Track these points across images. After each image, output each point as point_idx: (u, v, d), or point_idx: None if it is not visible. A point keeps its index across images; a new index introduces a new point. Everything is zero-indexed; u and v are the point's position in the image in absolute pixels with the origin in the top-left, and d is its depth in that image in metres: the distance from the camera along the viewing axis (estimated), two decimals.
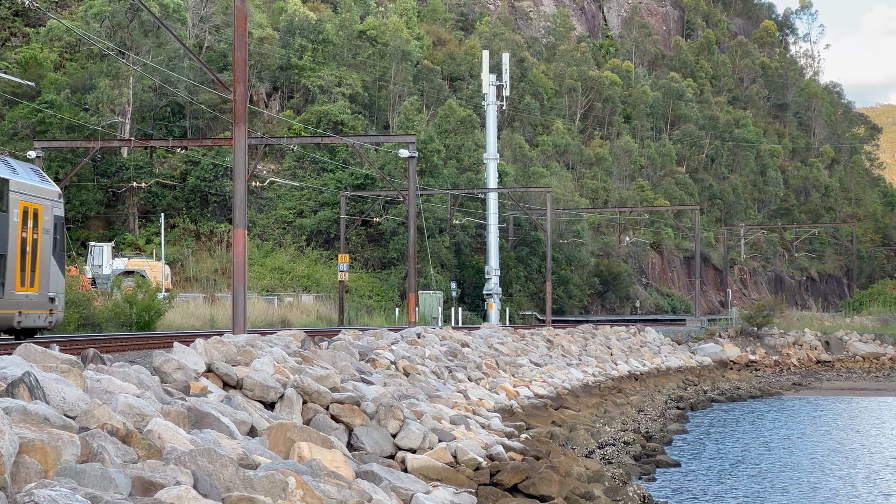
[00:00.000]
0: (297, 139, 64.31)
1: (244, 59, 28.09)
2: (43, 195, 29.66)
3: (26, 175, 29.16)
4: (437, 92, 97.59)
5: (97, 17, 73.33)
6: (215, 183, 75.16)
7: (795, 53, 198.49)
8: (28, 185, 28.81)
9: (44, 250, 29.36)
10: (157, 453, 10.93)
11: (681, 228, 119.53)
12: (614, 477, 24.61)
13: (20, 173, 28.79)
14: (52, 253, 29.91)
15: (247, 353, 19.82)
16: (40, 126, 68.15)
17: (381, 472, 15.13)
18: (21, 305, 28.25)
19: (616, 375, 48.71)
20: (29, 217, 28.50)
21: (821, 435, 38.86)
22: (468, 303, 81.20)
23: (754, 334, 73.33)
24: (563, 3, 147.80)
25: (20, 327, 28.37)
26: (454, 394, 27.36)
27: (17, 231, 27.83)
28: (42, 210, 29.40)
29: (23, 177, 28.74)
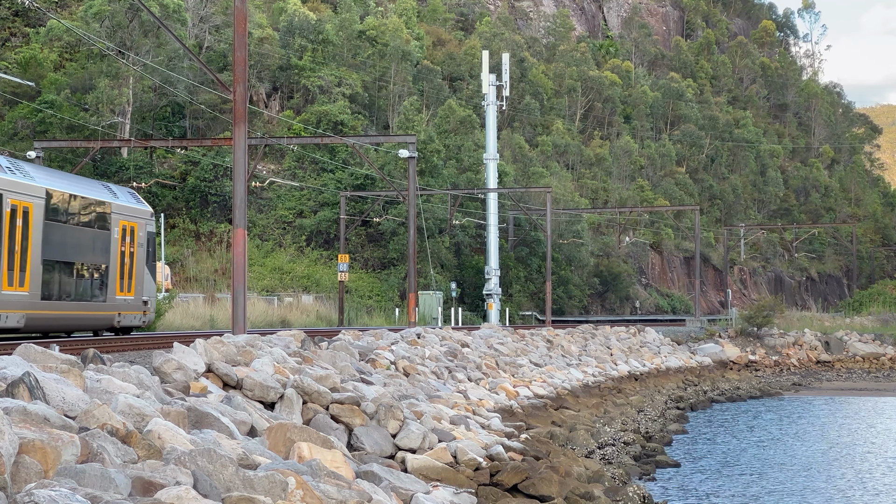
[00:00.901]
0: (297, 139, 64.30)
1: (244, 60, 28.09)
2: (137, 215, 36.09)
3: (124, 198, 35.74)
4: (437, 92, 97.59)
5: (97, 17, 73.33)
6: (215, 183, 75.17)
7: (796, 54, 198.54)
8: (125, 206, 35.27)
9: (138, 261, 35.75)
10: (157, 453, 10.93)
11: (681, 229, 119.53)
12: (614, 477, 24.62)
13: (119, 197, 35.39)
14: (145, 263, 36.31)
15: (247, 354, 19.82)
16: (40, 126, 68.14)
17: (380, 473, 15.13)
18: (120, 308, 34.77)
19: (616, 376, 48.72)
20: (126, 234, 34.97)
21: (820, 435, 38.86)
22: (468, 303, 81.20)
23: (754, 334, 73.34)
24: (563, 3, 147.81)
25: (119, 326, 34.88)
26: (454, 394, 27.37)
27: (117, 246, 34.40)
28: (137, 227, 35.89)
29: (121, 200, 35.30)
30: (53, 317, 31.56)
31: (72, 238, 32.05)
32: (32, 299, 29.92)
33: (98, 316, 34.05)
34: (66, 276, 31.83)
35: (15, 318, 29.03)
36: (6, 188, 28.33)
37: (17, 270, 29.00)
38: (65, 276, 31.74)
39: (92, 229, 33.59)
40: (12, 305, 28.80)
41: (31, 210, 29.42)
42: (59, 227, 31.38)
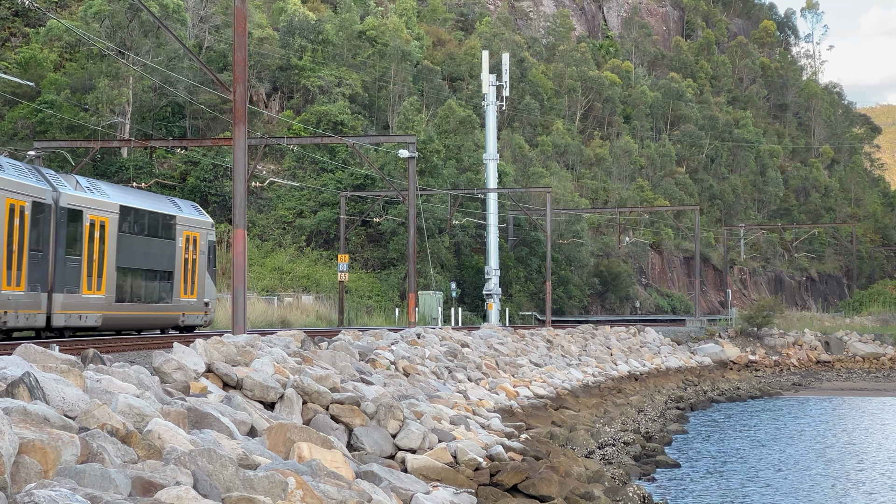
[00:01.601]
0: (297, 139, 64.30)
1: (244, 60, 28.09)
2: (199, 226, 40.99)
3: (188, 211, 40.76)
4: (437, 92, 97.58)
5: (97, 17, 73.32)
6: (215, 183, 75.16)
7: (796, 54, 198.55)
8: (189, 218, 40.20)
9: (200, 267, 40.57)
10: (157, 454, 10.93)
11: (681, 229, 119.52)
12: (614, 477, 24.62)
13: (183, 210, 40.36)
14: (206, 269, 41.04)
15: (247, 354, 19.82)
16: (40, 126, 68.13)
17: (380, 473, 15.13)
18: (184, 308, 39.62)
19: (616, 376, 48.72)
20: (189, 243, 39.81)
21: (820, 435, 38.86)
22: (468, 303, 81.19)
23: (754, 334, 73.33)
24: (562, 4, 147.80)
25: (183, 325, 39.67)
26: (454, 394, 27.37)
27: (181, 254, 39.23)
28: (199, 237, 40.66)
29: (185, 212, 40.29)
30: (126, 317, 36.49)
31: (142, 247, 36.80)
32: (108, 301, 34.66)
33: (165, 316, 38.85)
34: (137, 281, 36.67)
35: (94, 318, 33.84)
36: (86, 205, 33.53)
37: (95, 276, 33.79)
38: (136, 281, 36.52)
39: (159, 239, 38.28)
40: (91, 307, 33.62)
41: (107, 224, 34.47)
42: (131, 237, 36.24)
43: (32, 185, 30.75)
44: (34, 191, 30.61)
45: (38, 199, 30.72)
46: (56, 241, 31.84)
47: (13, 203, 29.09)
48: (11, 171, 29.91)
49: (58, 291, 31.99)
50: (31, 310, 30.52)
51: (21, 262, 29.63)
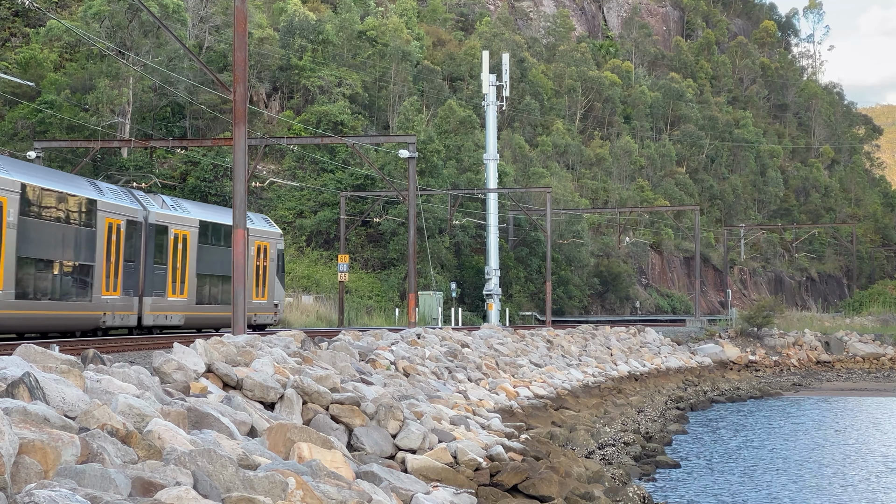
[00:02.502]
0: (297, 139, 64.30)
1: (244, 60, 28.09)
2: (269, 236, 46.23)
3: (259, 223, 45.90)
4: (437, 92, 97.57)
5: (97, 18, 73.30)
6: (215, 183, 75.15)
7: (797, 54, 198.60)
8: (260, 230, 45.41)
9: (270, 273, 45.78)
10: (157, 454, 10.94)
11: (681, 229, 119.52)
12: (614, 477, 24.61)
13: (255, 222, 45.18)
14: (275, 274, 46.11)
15: (247, 354, 19.82)
16: (40, 126, 68.12)
17: (381, 473, 15.13)
18: (255, 309, 44.33)
19: (616, 376, 48.71)
20: (261, 251, 44.88)
21: (820, 435, 38.86)
22: (468, 303, 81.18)
23: (754, 335, 73.32)
24: (563, 4, 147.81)
25: (255, 324, 44.00)
26: (454, 394, 27.36)
27: (253, 262, 43.92)
28: (269, 246, 45.93)
29: (257, 224, 45.20)
30: (205, 317, 41.41)
31: (218, 256, 41.39)
32: (189, 303, 39.97)
33: None
34: (214, 286, 41.62)
35: (177, 318, 39.19)
36: (171, 221, 39.03)
37: (179, 282, 39.11)
38: (213, 286, 41.50)
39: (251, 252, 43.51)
40: (175, 308, 39.04)
41: (188, 236, 39.92)
42: (209, 248, 41.23)
43: (126, 205, 36.49)
44: (128, 211, 36.30)
45: (131, 217, 36.39)
46: (146, 253, 37.39)
47: (111, 222, 34.90)
48: (109, 195, 35.67)
49: (147, 295, 37.46)
50: (125, 311, 36.13)
51: (117, 271, 35.25)
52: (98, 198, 34.55)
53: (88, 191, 34.43)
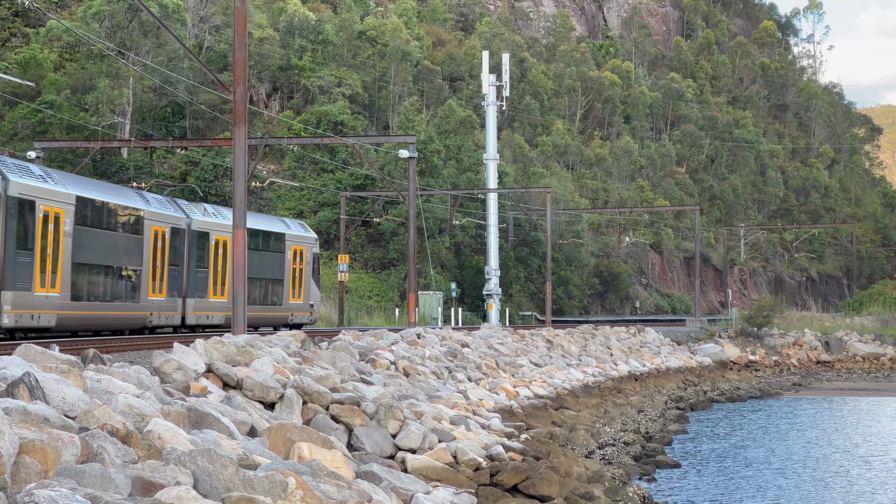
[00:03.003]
0: (297, 139, 64.28)
1: (244, 60, 28.09)
2: (305, 241, 49.18)
3: (295, 228, 49.41)
4: (437, 92, 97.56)
5: (97, 18, 73.30)
6: (215, 183, 75.13)
7: (797, 54, 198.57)
8: (296, 235, 48.53)
9: (306, 276, 48.61)
10: (157, 454, 10.94)
11: (681, 229, 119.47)
12: (614, 477, 24.61)
13: (292, 228, 48.83)
14: (311, 277, 48.99)
15: (247, 354, 19.82)
16: (40, 126, 68.11)
17: (381, 473, 15.13)
18: (292, 309, 47.65)
19: (616, 376, 48.71)
20: (296, 255, 47.97)
21: (820, 435, 38.87)
22: (468, 303, 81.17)
23: (754, 335, 73.31)
24: (563, 4, 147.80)
25: (292, 323, 47.39)
26: (454, 394, 27.37)
27: (290, 265, 47.26)
28: (305, 250, 48.83)
29: (293, 230, 48.76)
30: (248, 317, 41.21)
31: (257, 261, 43.84)
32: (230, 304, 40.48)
33: (276, 315, 46.76)
34: (256, 288, 43.99)
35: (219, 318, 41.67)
36: (212, 228, 41.78)
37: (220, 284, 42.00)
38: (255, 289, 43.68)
39: (271, 253, 46.11)
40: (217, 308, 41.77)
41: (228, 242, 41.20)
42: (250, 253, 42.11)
43: (171, 214, 39.25)
44: (172, 219, 39.03)
45: (174, 225, 39.14)
46: (189, 258, 40.09)
47: (156, 229, 37.72)
48: (155, 205, 38.44)
49: (190, 297, 40.21)
50: (170, 311, 38.76)
51: (163, 275, 38.02)
52: (144, 207, 37.56)
53: (136, 201, 37.64)
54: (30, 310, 30.54)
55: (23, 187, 30.06)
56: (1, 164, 30.04)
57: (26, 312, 30.36)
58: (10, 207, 29.37)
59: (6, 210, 29.24)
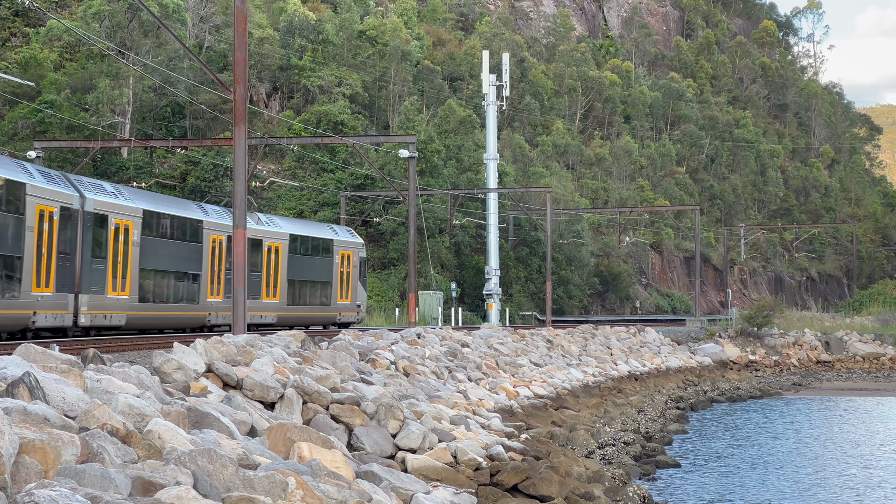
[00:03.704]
0: (297, 139, 64.27)
1: (244, 60, 28.09)
2: (352, 246, 52.61)
3: (343, 234, 52.95)
4: (437, 92, 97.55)
5: (97, 17, 73.29)
6: (215, 183, 75.13)
7: (797, 54, 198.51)
8: (343, 240, 52.00)
9: (353, 278, 52.12)
10: (157, 453, 10.93)
11: (681, 229, 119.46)
12: (614, 477, 24.60)
13: (339, 234, 52.51)
14: (357, 279, 52.48)
15: (247, 354, 19.82)
16: (40, 126, 68.11)
17: (381, 473, 15.13)
18: (340, 310, 51.36)
19: (616, 376, 48.70)
20: (344, 259, 51.52)
21: (820, 435, 38.87)
22: (468, 303, 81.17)
23: (754, 334, 73.30)
24: (563, 4, 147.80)
25: (340, 322, 51.17)
26: (454, 394, 27.36)
27: (337, 268, 50.86)
28: (352, 254, 52.33)
29: (341, 236, 52.40)
30: (295, 316, 47.81)
31: (306, 264, 48.39)
32: (281, 305, 46.78)
33: (325, 315, 50.67)
34: (304, 289, 48.42)
35: (270, 318, 45.94)
36: (265, 236, 45.58)
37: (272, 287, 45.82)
38: (303, 289, 48.33)
39: (319, 257, 49.73)
40: (268, 308, 45.93)
41: (280, 248, 46.69)
42: (298, 257, 48.10)
43: (228, 223, 41.61)
44: (229, 228, 40.76)
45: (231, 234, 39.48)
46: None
47: (214, 238, 41.87)
48: (213, 215, 42.52)
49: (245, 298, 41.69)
50: (227, 311, 41.36)
51: (220, 279, 42.13)
52: (203, 218, 41.56)
53: (196, 212, 41.76)
54: (103, 310, 34.52)
55: (97, 203, 34.08)
56: (78, 183, 33.77)
57: (100, 313, 34.33)
58: (86, 221, 33.43)
59: (83, 223, 33.27)
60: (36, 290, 30.68)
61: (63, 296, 32.20)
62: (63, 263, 32.08)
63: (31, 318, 30.59)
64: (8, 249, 29.07)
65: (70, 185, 33.23)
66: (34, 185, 30.36)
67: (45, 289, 31.15)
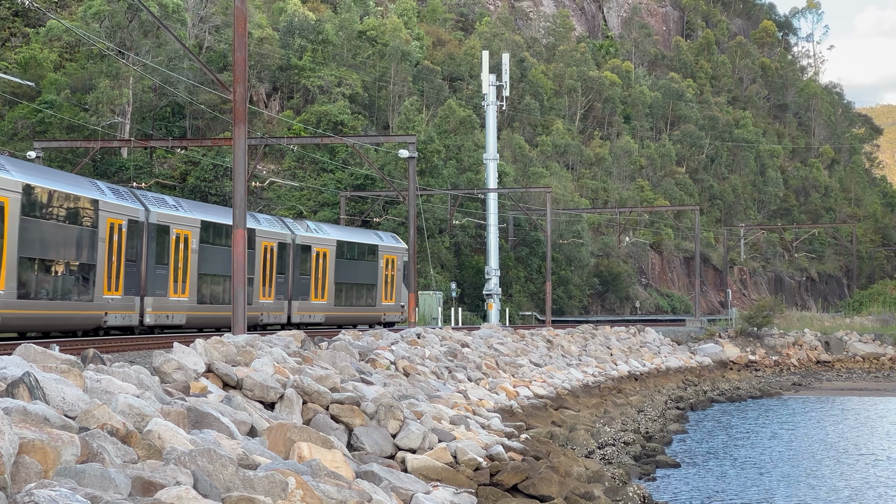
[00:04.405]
0: (297, 139, 64.26)
1: (244, 60, 28.08)
2: (396, 251, 56.33)
3: (387, 240, 56.42)
4: (437, 92, 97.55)
5: (97, 17, 73.28)
6: (215, 183, 75.12)
7: (797, 54, 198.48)
8: (388, 245, 55.74)
9: (397, 281, 55.86)
10: (157, 453, 10.93)
11: (681, 229, 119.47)
12: (614, 477, 24.61)
13: (384, 239, 56.08)
14: (401, 282, 55.99)
15: (247, 354, 19.82)
16: (40, 126, 68.10)
17: (381, 473, 15.13)
18: (385, 310, 54.90)
19: (616, 376, 48.70)
20: (388, 263, 55.10)
21: (820, 435, 38.87)
22: (468, 303, 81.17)
23: (754, 335, 73.30)
24: (562, 4, 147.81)
25: (385, 322, 54.32)
26: (454, 394, 27.37)
27: (382, 272, 54.34)
28: (396, 259, 56.00)
29: (385, 241, 55.91)
30: (343, 316, 51.43)
31: (352, 268, 51.81)
32: (329, 305, 50.50)
33: (371, 315, 53.78)
34: (350, 291, 51.95)
35: (319, 317, 49.71)
36: (313, 242, 49.29)
37: (320, 289, 49.64)
38: (349, 291, 51.86)
39: (365, 262, 52.83)
40: (317, 309, 49.59)
41: (328, 253, 50.21)
42: (345, 261, 51.47)
43: (279, 231, 46.78)
44: (280, 236, 46.75)
45: (282, 241, 46.95)
46: (293, 267, 47.84)
47: (266, 244, 45.35)
48: (266, 224, 46.12)
49: (294, 299, 47.98)
50: (277, 312, 46.52)
51: (272, 281, 45.88)
52: (256, 227, 44.80)
53: (250, 222, 43.85)
54: (165, 311, 38.45)
55: (160, 216, 38.12)
56: (143, 197, 37.96)
57: (163, 313, 38.31)
58: (150, 232, 37.57)
59: (147, 234, 37.44)
60: (107, 293, 34.85)
61: (131, 298, 36.43)
62: (130, 270, 36.37)
63: (102, 318, 34.73)
64: (84, 258, 33.43)
65: (136, 199, 37.43)
66: (106, 202, 34.64)
67: (115, 292, 35.36)
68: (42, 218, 31.14)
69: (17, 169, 30.43)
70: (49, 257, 31.59)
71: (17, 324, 30.73)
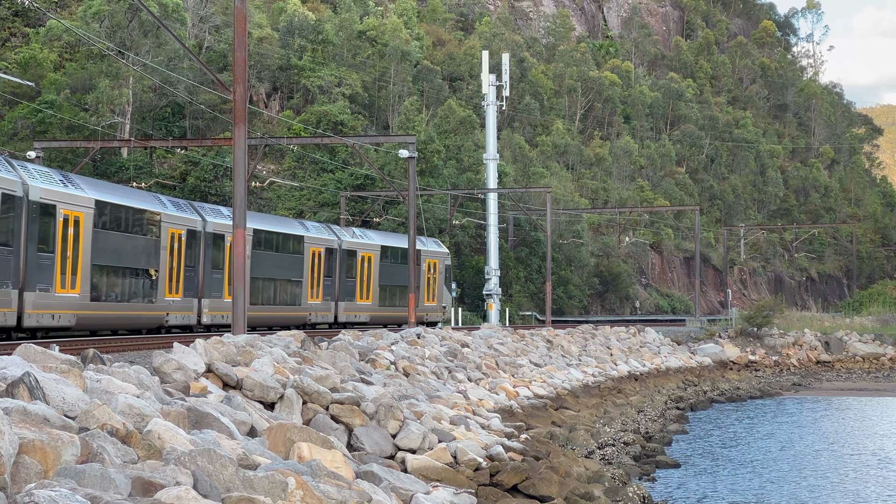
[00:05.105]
0: (297, 139, 64.25)
1: (244, 60, 28.08)
2: (438, 255, 60.98)
3: (430, 245, 60.93)
4: (437, 92, 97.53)
5: (97, 17, 73.27)
6: (215, 183, 75.11)
7: (797, 54, 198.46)
8: (430, 250, 59.97)
9: (438, 283, 60.34)
10: (157, 454, 10.93)
11: (681, 229, 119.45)
12: (614, 477, 24.61)
13: (427, 245, 59.98)
14: (443, 284, 60.75)
15: (247, 354, 19.82)
16: (40, 126, 68.08)
17: (380, 473, 15.13)
18: (427, 310, 58.68)
19: (616, 376, 48.70)
20: (430, 267, 59.61)
21: (820, 435, 38.87)
22: (468, 303, 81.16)
23: (754, 335, 73.29)
24: (562, 4, 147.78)
25: (426, 321, 57.19)
26: (454, 394, 27.37)
27: (425, 275, 58.73)
28: (438, 262, 60.66)
29: (429, 246, 60.07)
30: (387, 316, 55.24)
31: (397, 271, 55.67)
32: (374, 306, 54.79)
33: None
34: (392, 293, 56.14)
35: (364, 317, 53.80)
36: (359, 248, 53.79)
37: (365, 291, 53.84)
38: (391, 294, 56.06)
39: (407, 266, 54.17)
40: (362, 309, 53.79)
41: (372, 258, 54.69)
42: (389, 265, 56.11)
43: (325, 237, 51.02)
44: (326, 241, 50.79)
45: (328, 246, 50.98)
46: (340, 270, 51.85)
47: (314, 250, 49.42)
48: (313, 231, 50.48)
49: (342, 300, 52.23)
50: (325, 312, 50.75)
51: (319, 284, 49.63)
52: (305, 234, 49.06)
53: (299, 229, 49.58)
54: (220, 311, 41.84)
55: (216, 225, 41.76)
56: (200, 209, 41.65)
57: (218, 313, 41.84)
58: (207, 240, 41.33)
59: (204, 242, 41.12)
60: (168, 295, 38.71)
61: (189, 300, 40.13)
62: (189, 274, 40.05)
63: (164, 318, 38.49)
64: (149, 265, 37.32)
65: (194, 210, 41.22)
66: (167, 214, 38.76)
67: (175, 295, 39.18)
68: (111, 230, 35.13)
69: (90, 187, 34.60)
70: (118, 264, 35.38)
71: (91, 323, 34.42)
